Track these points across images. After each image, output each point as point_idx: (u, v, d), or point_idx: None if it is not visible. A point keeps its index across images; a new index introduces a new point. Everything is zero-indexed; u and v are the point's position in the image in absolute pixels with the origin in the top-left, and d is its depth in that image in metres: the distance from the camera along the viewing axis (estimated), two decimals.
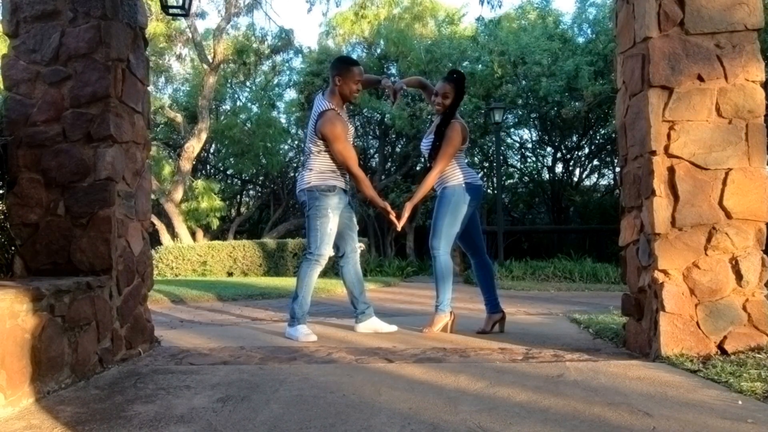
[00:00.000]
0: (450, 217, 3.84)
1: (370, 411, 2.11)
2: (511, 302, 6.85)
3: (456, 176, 3.89)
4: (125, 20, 3.14)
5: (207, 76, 14.17)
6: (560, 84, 12.42)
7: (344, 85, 3.79)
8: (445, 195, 3.89)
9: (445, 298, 3.89)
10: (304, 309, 3.77)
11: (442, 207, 3.88)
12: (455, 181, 3.89)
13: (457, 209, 3.85)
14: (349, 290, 3.99)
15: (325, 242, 3.77)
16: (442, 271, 3.87)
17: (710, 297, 2.79)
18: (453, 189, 3.87)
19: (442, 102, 3.90)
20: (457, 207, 3.85)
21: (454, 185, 3.88)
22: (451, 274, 3.91)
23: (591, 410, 2.07)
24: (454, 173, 3.90)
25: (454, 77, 3.95)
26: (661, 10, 2.89)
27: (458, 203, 3.85)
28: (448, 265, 3.88)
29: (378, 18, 15.91)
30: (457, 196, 3.86)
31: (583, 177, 17.05)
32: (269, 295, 7.82)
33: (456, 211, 3.85)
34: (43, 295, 2.37)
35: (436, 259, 3.87)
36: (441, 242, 3.84)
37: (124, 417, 2.09)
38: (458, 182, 3.88)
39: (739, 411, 2.02)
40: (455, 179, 3.89)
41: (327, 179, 3.78)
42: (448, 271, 3.88)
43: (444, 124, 3.91)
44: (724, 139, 2.84)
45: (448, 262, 3.88)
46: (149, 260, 3.41)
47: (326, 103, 3.78)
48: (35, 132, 3.01)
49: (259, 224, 19.25)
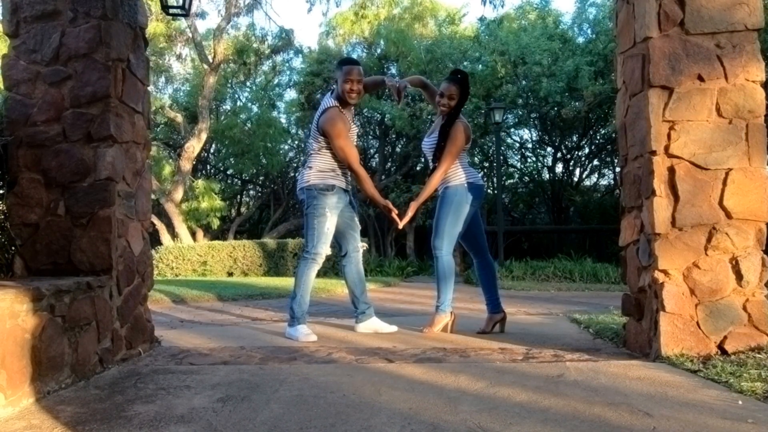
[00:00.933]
0: (452, 217, 3.84)
1: (370, 411, 2.11)
2: (511, 302, 6.86)
3: (458, 176, 3.88)
4: (125, 20, 3.14)
5: (207, 76, 14.18)
6: (560, 84, 12.42)
7: (339, 85, 3.78)
8: (447, 195, 3.88)
9: (447, 298, 3.89)
10: (303, 308, 3.77)
11: (445, 207, 3.87)
12: (457, 180, 3.88)
13: (459, 209, 3.84)
14: (351, 289, 3.99)
15: (322, 241, 3.76)
16: (444, 271, 3.86)
17: (710, 297, 2.79)
18: (455, 189, 3.87)
19: (448, 103, 3.88)
20: (459, 207, 3.84)
21: (456, 185, 3.87)
22: (452, 274, 3.90)
23: (591, 410, 2.07)
24: (456, 173, 3.89)
25: (459, 78, 3.94)
26: (661, 10, 2.89)
27: (460, 203, 3.85)
28: (450, 265, 3.87)
29: (378, 18, 15.91)
30: (459, 196, 3.85)
31: (583, 177, 17.05)
32: (269, 295, 7.82)
33: (458, 211, 3.84)
34: (44, 295, 2.37)
35: (438, 259, 3.86)
36: (443, 242, 3.84)
37: (124, 417, 2.09)
38: (460, 182, 3.87)
39: (740, 411, 2.02)
40: (457, 179, 3.88)
41: (326, 178, 3.78)
42: (450, 271, 3.88)
43: (448, 124, 3.89)
44: (724, 139, 2.84)
45: (450, 262, 3.87)
46: (149, 260, 3.41)
47: (330, 101, 3.79)
48: (35, 132, 3.01)
49: (259, 224, 19.25)
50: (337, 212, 3.82)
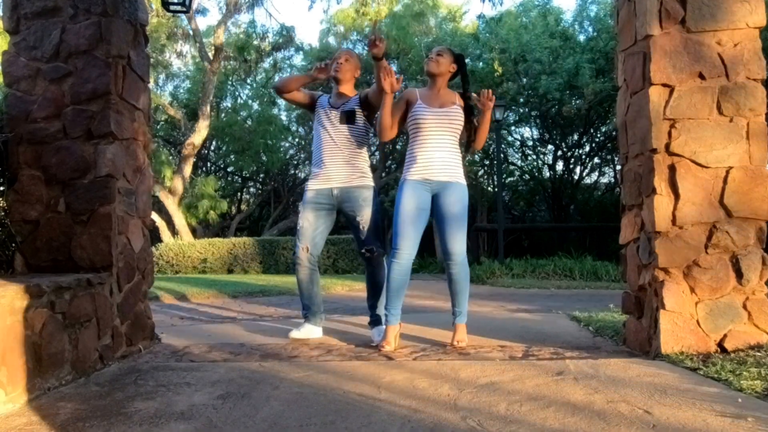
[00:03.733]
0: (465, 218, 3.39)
1: (370, 408, 2.12)
2: (511, 300, 6.87)
3: (462, 173, 3.41)
4: (126, 17, 3.14)
5: (208, 73, 14.17)
6: (561, 82, 12.40)
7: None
8: (465, 193, 3.37)
9: (466, 307, 3.46)
10: (305, 307, 3.73)
11: (462, 207, 3.34)
12: (464, 180, 3.42)
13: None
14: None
15: (298, 239, 3.61)
16: (468, 276, 3.42)
17: (710, 295, 2.80)
18: (465, 188, 3.40)
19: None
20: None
21: (465, 185, 3.42)
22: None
23: (591, 408, 2.07)
24: (462, 169, 3.41)
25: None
26: (662, 8, 2.89)
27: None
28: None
29: (379, 15, 15.88)
30: (468, 196, 3.43)
31: (583, 175, 17.03)
32: (269, 292, 7.82)
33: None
34: (44, 291, 2.37)
35: (464, 265, 3.36)
36: (464, 245, 3.39)
37: (124, 414, 2.10)
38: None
39: (739, 409, 2.02)
40: (463, 177, 3.42)
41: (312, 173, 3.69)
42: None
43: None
44: (725, 137, 2.84)
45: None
46: (150, 257, 3.41)
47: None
48: (36, 129, 3.01)
49: (259, 221, 19.26)
50: (315, 209, 3.62)
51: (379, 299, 3.66)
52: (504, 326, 3.97)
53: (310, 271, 3.63)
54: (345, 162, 3.60)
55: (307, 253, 3.60)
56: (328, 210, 3.65)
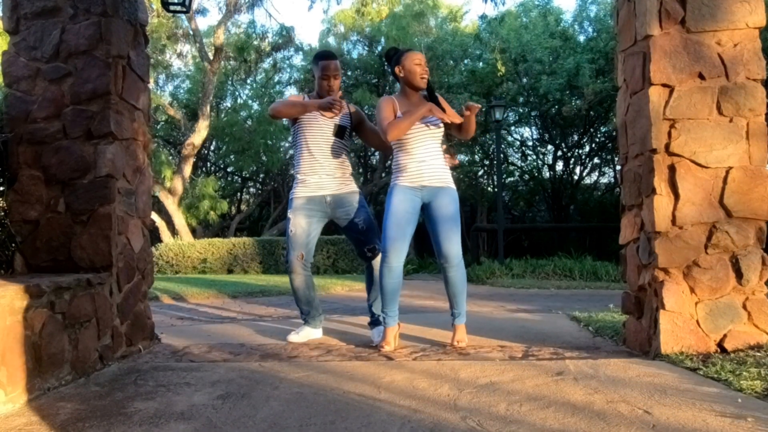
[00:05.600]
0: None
1: (370, 408, 2.12)
2: (511, 300, 6.87)
3: (451, 178, 3.43)
4: (126, 17, 3.14)
5: (208, 74, 14.17)
6: (561, 82, 12.41)
7: (317, 81, 3.67)
8: (456, 196, 3.39)
9: (465, 307, 3.47)
10: (302, 311, 3.71)
11: (456, 209, 3.34)
12: (453, 184, 3.42)
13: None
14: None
15: (290, 247, 3.57)
16: (465, 277, 3.42)
17: (710, 295, 2.80)
18: (456, 192, 3.41)
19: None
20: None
21: (455, 188, 3.42)
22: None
23: (591, 408, 2.07)
24: (450, 174, 3.43)
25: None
26: (662, 8, 2.89)
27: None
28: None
29: (380, 15, 15.89)
30: (458, 200, 3.45)
31: (583, 175, 17.03)
32: (269, 292, 7.83)
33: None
34: (44, 291, 2.37)
35: (461, 267, 3.35)
36: (460, 247, 3.37)
37: (124, 414, 2.10)
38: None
39: (739, 409, 2.02)
40: (452, 182, 3.43)
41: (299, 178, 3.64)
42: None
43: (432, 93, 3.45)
44: (725, 137, 2.84)
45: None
46: (149, 257, 3.41)
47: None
48: (35, 129, 3.01)
49: (259, 222, 19.25)
50: (305, 214, 3.57)
51: (377, 299, 3.65)
52: (504, 326, 3.97)
53: (305, 277, 3.60)
54: (336, 169, 3.61)
55: (302, 261, 3.56)
56: (320, 217, 3.62)
